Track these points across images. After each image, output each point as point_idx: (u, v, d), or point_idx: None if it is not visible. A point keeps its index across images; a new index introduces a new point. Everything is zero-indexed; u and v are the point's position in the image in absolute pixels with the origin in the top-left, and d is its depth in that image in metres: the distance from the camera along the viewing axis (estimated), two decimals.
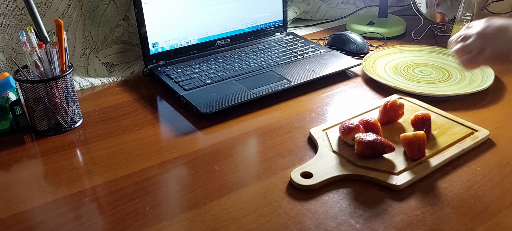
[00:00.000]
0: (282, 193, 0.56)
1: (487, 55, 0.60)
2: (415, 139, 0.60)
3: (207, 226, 0.51)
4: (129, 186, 0.58)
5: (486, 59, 0.61)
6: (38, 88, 0.68)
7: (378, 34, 1.13)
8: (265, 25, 1.06)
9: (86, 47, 0.92)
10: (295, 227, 0.51)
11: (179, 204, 0.55)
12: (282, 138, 0.69)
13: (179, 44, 0.95)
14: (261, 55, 0.96)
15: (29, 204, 0.55)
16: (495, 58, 0.60)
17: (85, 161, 0.65)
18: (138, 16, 0.87)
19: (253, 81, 0.84)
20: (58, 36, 0.68)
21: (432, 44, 1.06)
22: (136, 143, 0.68)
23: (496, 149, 0.65)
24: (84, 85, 0.88)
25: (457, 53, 0.67)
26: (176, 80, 0.84)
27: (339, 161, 0.61)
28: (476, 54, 0.61)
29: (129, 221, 0.52)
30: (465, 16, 0.98)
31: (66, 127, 0.72)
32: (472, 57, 0.62)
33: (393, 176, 0.57)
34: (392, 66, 0.94)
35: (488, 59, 0.61)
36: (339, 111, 0.77)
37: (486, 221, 0.51)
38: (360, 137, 0.60)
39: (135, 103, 0.81)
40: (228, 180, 0.59)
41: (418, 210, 0.53)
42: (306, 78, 0.85)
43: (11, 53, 0.83)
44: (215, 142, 0.68)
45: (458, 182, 0.58)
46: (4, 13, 0.80)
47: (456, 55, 0.68)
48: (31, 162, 0.65)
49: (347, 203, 0.54)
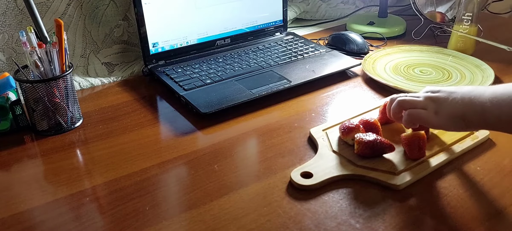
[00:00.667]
0: (282, 193, 0.56)
1: (442, 116, 0.55)
2: (415, 138, 0.60)
3: (207, 226, 0.51)
4: (129, 186, 0.58)
5: (441, 121, 0.56)
6: (38, 88, 0.68)
7: (378, 34, 1.13)
8: (265, 25, 1.06)
9: (86, 47, 0.92)
10: (295, 227, 0.51)
11: (179, 204, 0.55)
12: (282, 137, 0.69)
13: (179, 44, 0.95)
14: (261, 55, 0.96)
15: (29, 204, 0.55)
16: (450, 121, 0.55)
17: (85, 161, 0.65)
18: (138, 16, 0.87)
19: (253, 81, 0.84)
20: (58, 36, 0.68)
21: (432, 44, 1.06)
22: (136, 143, 0.68)
23: (496, 149, 0.65)
24: (84, 85, 0.88)
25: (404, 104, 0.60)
26: (176, 80, 0.84)
27: (339, 161, 0.61)
28: (433, 114, 0.56)
29: (129, 221, 0.52)
30: (465, 16, 0.98)
31: (66, 127, 0.72)
32: (427, 114, 0.57)
33: (393, 176, 0.57)
34: (392, 66, 0.94)
35: (443, 121, 0.56)
36: (339, 111, 0.77)
37: (486, 221, 0.51)
38: (360, 137, 0.60)
39: (135, 103, 0.81)
40: (228, 180, 0.59)
41: (418, 210, 0.53)
42: (306, 78, 0.85)
43: (11, 53, 0.83)
44: (215, 142, 0.68)
45: (458, 182, 0.58)
46: (4, 13, 0.80)
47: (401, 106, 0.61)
48: (31, 162, 0.65)
49: (347, 203, 0.54)
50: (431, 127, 0.61)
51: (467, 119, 0.54)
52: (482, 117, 0.52)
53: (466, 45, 1.00)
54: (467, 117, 0.54)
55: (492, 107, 0.51)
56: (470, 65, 0.93)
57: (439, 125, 0.57)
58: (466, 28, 0.99)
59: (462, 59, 0.96)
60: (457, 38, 1.01)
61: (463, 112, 0.54)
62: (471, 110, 0.53)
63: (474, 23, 0.98)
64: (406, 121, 0.60)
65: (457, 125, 0.55)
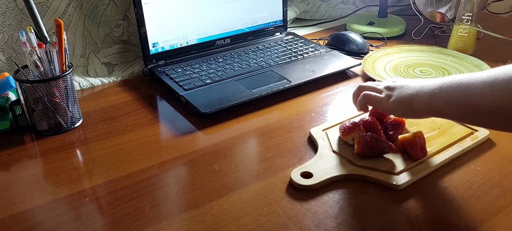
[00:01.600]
0: (282, 193, 0.56)
1: (393, 101, 0.58)
2: (416, 138, 0.60)
3: (207, 226, 0.51)
4: (129, 186, 0.58)
5: (391, 105, 0.59)
6: (38, 88, 0.68)
7: (378, 34, 1.13)
8: (265, 25, 1.06)
9: (86, 47, 0.92)
10: (295, 226, 0.51)
11: (179, 203, 0.55)
12: (282, 137, 0.69)
13: (179, 44, 0.95)
14: (261, 55, 0.96)
15: (29, 204, 0.55)
16: (400, 107, 0.58)
17: (85, 161, 0.65)
18: (138, 16, 0.87)
19: (253, 81, 0.84)
20: (58, 36, 0.68)
21: (432, 44, 1.06)
22: (136, 143, 0.68)
23: (496, 149, 0.65)
24: (84, 85, 0.88)
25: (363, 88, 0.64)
26: (176, 80, 0.84)
27: (339, 161, 0.61)
28: (386, 99, 0.60)
29: (129, 221, 0.52)
30: (465, 16, 0.98)
31: (66, 127, 0.72)
32: (380, 98, 0.61)
33: (393, 176, 0.57)
34: (392, 66, 0.94)
35: (393, 105, 0.58)
36: (339, 111, 0.77)
37: (486, 221, 0.51)
38: (360, 137, 0.60)
39: (135, 103, 0.81)
40: (228, 180, 0.59)
41: (418, 210, 0.53)
42: (306, 78, 0.85)
43: (11, 53, 0.83)
44: (215, 142, 0.68)
45: (458, 182, 0.58)
46: (4, 13, 0.80)
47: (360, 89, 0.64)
48: (31, 162, 0.65)
49: (347, 203, 0.54)
50: (382, 110, 0.63)
51: (415, 104, 0.56)
52: (430, 102, 0.54)
53: (466, 45, 1.00)
54: (415, 102, 0.56)
55: (440, 92, 0.53)
56: (470, 65, 0.93)
57: (389, 109, 0.60)
58: (466, 28, 0.99)
59: (462, 59, 0.96)
60: (457, 38, 1.01)
61: (411, 97, 0.56)
62: (420, 95, 0.55)
63: (474, 23, 0.98)
64: (359, 101, 0.63)
65: (405, 110, 0.58)
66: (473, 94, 0.49)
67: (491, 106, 0.47)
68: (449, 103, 0.52)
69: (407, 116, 0.60)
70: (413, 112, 0.57)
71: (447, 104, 0.52)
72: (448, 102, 0.52)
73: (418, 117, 0.59)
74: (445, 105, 0.52)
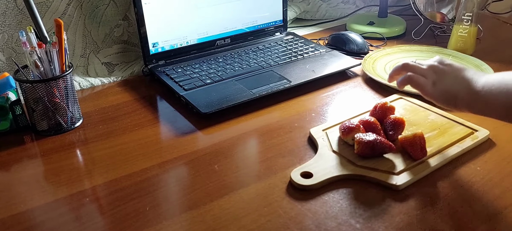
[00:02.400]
0: (282, 193, 0.56)
1: (438, 89, 0.58)
2: (417, 138, 0.60)
3: (207, 226, 0.51)
4: (129, 186, 0.58)
5: (435, 92, 0.58)
6: (38, 88, 0.68)
7: (378, 34, 1.13)
8: (265, 25, 1.06)
9: (86, 47, 0.92)
10: (296, 227, 0.51)
11: (179, 204, 0.55)
12: (282, 138, 0.69)
13: (179, 44, 0.95)
14: (261, 55, 0.96)
15: (29, 204, 0.55)
16: (444, 96, 0.58)
17: (85, 161, 0.65)
18: (138, 16, 0.87)
19: (253, 81, 0.84)
20: (58, 36, 0.68)
21: (432, 44, 1.06)
22: (136, 143, 0.68)
23: (496, 149, 0.65)
24: (84, 85, 0.88)
25: (408, 66, 0.63)
26: (176, 80, 0.84)
27: (339, 161, 0.61)
28: (430, 83, 0.59)
29: (129, 221, 0.52)
30: (465, 16, 0.98)
31: (66, 127, 0.72)
32: (425, 82, 0.60)
33: (393, 176, 0.57)
34: (392, 66, 0.94)
35: (438, 93, 0.58)
36: (339, 111, 0.77)
37: (486, 221, 0.51)
38: (360, 137, 0.60)
39: (135, 103, 0.81)
40: (228, 180, 0.59)
41: (418, 210, 0.53)
42: (306, 78, 0.85)
43: (11, 53, 0.83)
44: (215, 142, 0.68)
45: (458, 182, 0.58)
46: (4, 13, 0.80)
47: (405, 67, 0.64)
48: (31, 162, 0.65)
49: (347, 203, 0.54)
50: (424, 94, 0.62)
51: (459, 99, 0.57)
52: (474, 101, 0.55)
53: (466, 45, 1.00)
54: (459, 98, 0.57)
55: (482, 91, 0.54)
56: (470, 65, 0.93)
57: (433, 95, 0.60)
58: (466, 28, 0.99)
59: (462, 59, 0.96)
60: (457, 38, 1.01)
61: (458, 92, 0.57)
62: (465, 93, 0.56)
63: (474, 23, 0.98)
64: (402, 80, 0.63)
65: (448, 101, 0.58)
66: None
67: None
68: (491, 103, 0.54)
69: (447, 105, 0.60)
70: (454, 105, 0.58)
71: (489, 104, 0.54)
72: (490, 102, 0.54)
73: (457, 110, 0.59)
74: (486, 105, 0.54)
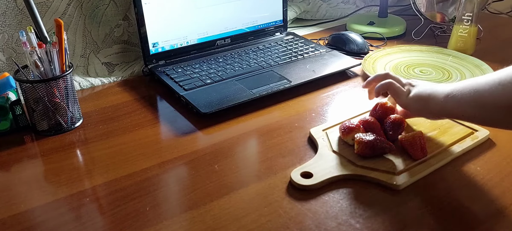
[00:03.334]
0: (282, 193, 0.56)
1: (411, 96, 0.62)
2: (417, 138, 0.60)
3: (207, 226, 0.51)
4: (129, 186, 0.58)
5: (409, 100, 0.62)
6: (38, 88, 0.68)
7: (378, 34, 1.13)
8: (265, 25, 1.06)
9: (86, 47, 0.92)
10: (296, 227, 0.51)
11: (179, 204, 0.55)
12: (282, 138, 0.69)
13: (179, 44, 0.95)
14: (261, 55, 0.96)
15: (29, 204, 0.55)
16: (417, 102, 0.61)
17: (85, 161, 0.65)
18: (138, 16, 0.87)
19: (253, 81, 0.84)
20: (58, 36, 0.68)
21: (432, 44, 1.06)
22: (136, 143, 0.68)
23: (496, 149, 0.65)
24: (84, 85, 0.88)
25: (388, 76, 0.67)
26: (176, 80, 0.84)
27: (339, 161, 0.61)
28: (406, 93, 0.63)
29: (129, 221, 0.52)
30: (465, 16, 0.98)
31: (66, 127, 0.72)
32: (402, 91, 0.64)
33: (393, 176, 0.57)
34: (392, 66, 0.94)
35: (411, 100, 0.62)
36: (339, 111, 0.77)
37: (486, 221, 0.51)
38: (360, 137, 0.60)
39: (135, 103, 0.81)
40: (228, 180, 0.59)
41: (418, 210, 0.53)
42: (306, 78, 0.85)
43: (11, 53, 0.83)
44: (215, 142, 0.68)
45: (458, 182, 0.58)
46: (4, 13, 0.80)
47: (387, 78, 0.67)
48: (31, 162, 0.65)
49: (348, 203, 0.54)
50: (399, 102, 0.65)
51: (431, 103, 0.59)
52: (444, 102, 0.57)
53: (466, 45, 1.00)
54: (431, 101, 0.59)
55: (453, 93, 0.56)
56: (470, 65, 0.93)
57: (406, 103, 0.63)
58: (466, 28, 0.99)
59: (462, 59, 0.96)
60: (457, 38, 1.01)
61: (429, 97, 0.60)
62: (435, 96, 0.59)
63: (474, 23, 0.98)
64: (381, 85, 0.66)
65: (420, 107, 0.61)
66: (484, 93, 0.52)
67: (502, 103, 0.50)
68: (462, 103, 0.55)
69: (421, 113, 0.63)
70: (428, 111, 0.61)
71: (460, 104, 0.55)
72: (461, 102, 0.55)
73: (431, 117, 0.63)
74: (458, 105, 0.56)
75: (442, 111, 0.59)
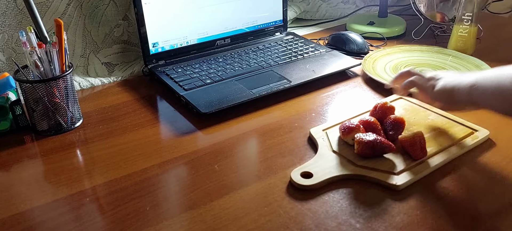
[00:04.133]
0: (282, 192, 0.56)
1: (437, 89, 0.64)
2: (416, 138, 0.60)
3: (208, 226, 0.51)
4: (129, 186, 0.58)
5: (435, 93, 0.64)
6: (38, 88, 0.68)
7: (378, 34, 1.13)
8: (265, 25, 1.06)
9: (86, 47, 0.92)
10: (296, 226, 0.51)
11: (180, 204, 0.55)
12: (282, 137, 0.69)
13: (179, 44, 0.95)
14: (261, 55, 0.96)
15: (29, 204, 0.55)
16: (443, 93, 0.63)
17: (85, 161, 0.65)
18: (138, 16, 0.87)
19: (253, 81, 0.84)
20: (58, 36, 0.68)
21: (432, 44, 1.06)
22: (136, 143, 0.68)
23: (496, 149, 0.65)
24: (84, 85, 0.88)
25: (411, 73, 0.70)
26: (176, 80, 0.84)
27: (339, 161, 0.61)
28: (432, 87, 0.65)
29: (129, 221, 0.52)
30: (465, 16, 0.98)
31: (66, 127, 0.72)
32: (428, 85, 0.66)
33: (393, 176, 0.57)
34: (392, 66, 0.94)
35: (437, 93, 0.64)
36: (339, 111, 0.77)
37: (486, 221, 0.51)
38: (360, 137, 0.60)
39: (135, 103, 0.81)
40: (229, 180, 0.59)
41: (418, 210, 0.53)
42: (306, 78, 0.85)
43: (11, 53, 0.83)
44: (215, 142, 0.68)
45: (458, 182, 0.58)
46: (4, 13, 0.80)
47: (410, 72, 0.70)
48: (31, 162, 0.65)
49: (347, 203, 0.54)
50: (426, 97, 0.67)
51: (456, 94, 0.61)
52: (469, 92, 0.59)
53: (466, 45, 1.00)
54: (456, 92, 0.61)
55: (476, 84, 0.58)
56: (470, 65, 0.93)
57: (434, 97, 0.65)
58: (466, 28, 0.99)
59: (462, 59, 0.96)
60: (457, 38, 1.01)
61: (453, 88, 0.61)
62: (460, 87, 0.60)
63: (474, 23, 0.98)
64: (407, 83, 0.69)
65: (447, 98, 0.63)
66: (506, 87, 0.53)
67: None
68: (487, 95, 0.57)
69: (449, 104, 0.65)
70: (454, 101, 0.62)
71: (484, 95, 0.57)
72: (485, 93, 0.57)
73: (458, 107, 0.64)
74: (483, 97, 0.57)
75: (469, 102, 0.60)
